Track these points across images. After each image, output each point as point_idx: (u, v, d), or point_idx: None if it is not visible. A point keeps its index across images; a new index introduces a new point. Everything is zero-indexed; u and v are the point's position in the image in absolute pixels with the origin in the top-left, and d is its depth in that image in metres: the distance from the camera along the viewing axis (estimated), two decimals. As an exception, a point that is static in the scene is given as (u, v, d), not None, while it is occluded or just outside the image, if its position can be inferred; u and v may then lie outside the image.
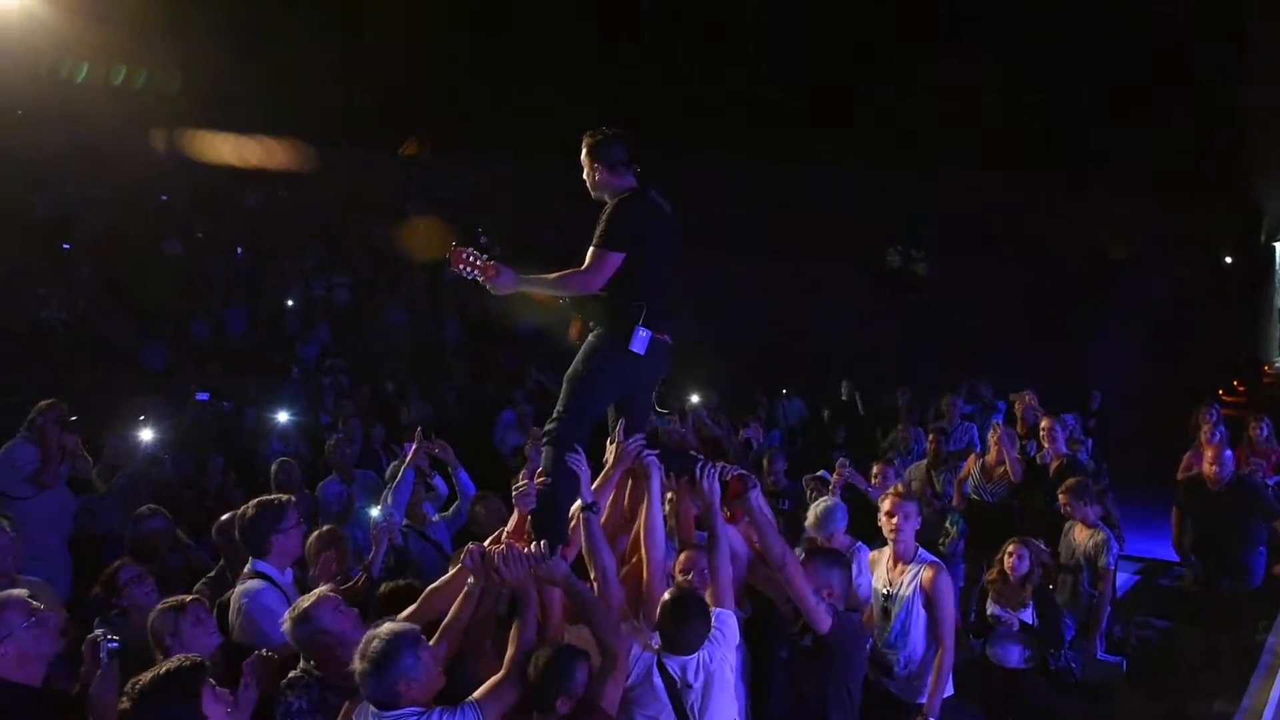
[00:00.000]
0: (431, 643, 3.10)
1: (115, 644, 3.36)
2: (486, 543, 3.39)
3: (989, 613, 4.89)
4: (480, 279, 3.47)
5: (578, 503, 3.41)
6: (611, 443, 3.68)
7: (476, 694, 2.98)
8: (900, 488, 4.83)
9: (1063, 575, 5.70)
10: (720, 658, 3.31)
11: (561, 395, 3.59)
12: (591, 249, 3.48)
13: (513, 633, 3.16)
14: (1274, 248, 28.52)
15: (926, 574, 4.33)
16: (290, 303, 13.95)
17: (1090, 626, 5.52)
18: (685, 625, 3.25)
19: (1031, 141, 19.22)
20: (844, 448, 8.32)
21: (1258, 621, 6.48)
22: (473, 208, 18.73)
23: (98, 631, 3.48)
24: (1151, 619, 6.82)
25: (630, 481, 3.74)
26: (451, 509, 6.04)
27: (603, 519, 3.51)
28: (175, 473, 7.32)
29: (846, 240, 19.06)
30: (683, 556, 3.81)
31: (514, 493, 3.57)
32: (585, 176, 3.65)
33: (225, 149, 17.41)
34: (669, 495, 3.88)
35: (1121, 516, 9.91)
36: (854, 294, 18.26)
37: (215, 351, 12.74)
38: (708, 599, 3.43)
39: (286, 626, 3.26)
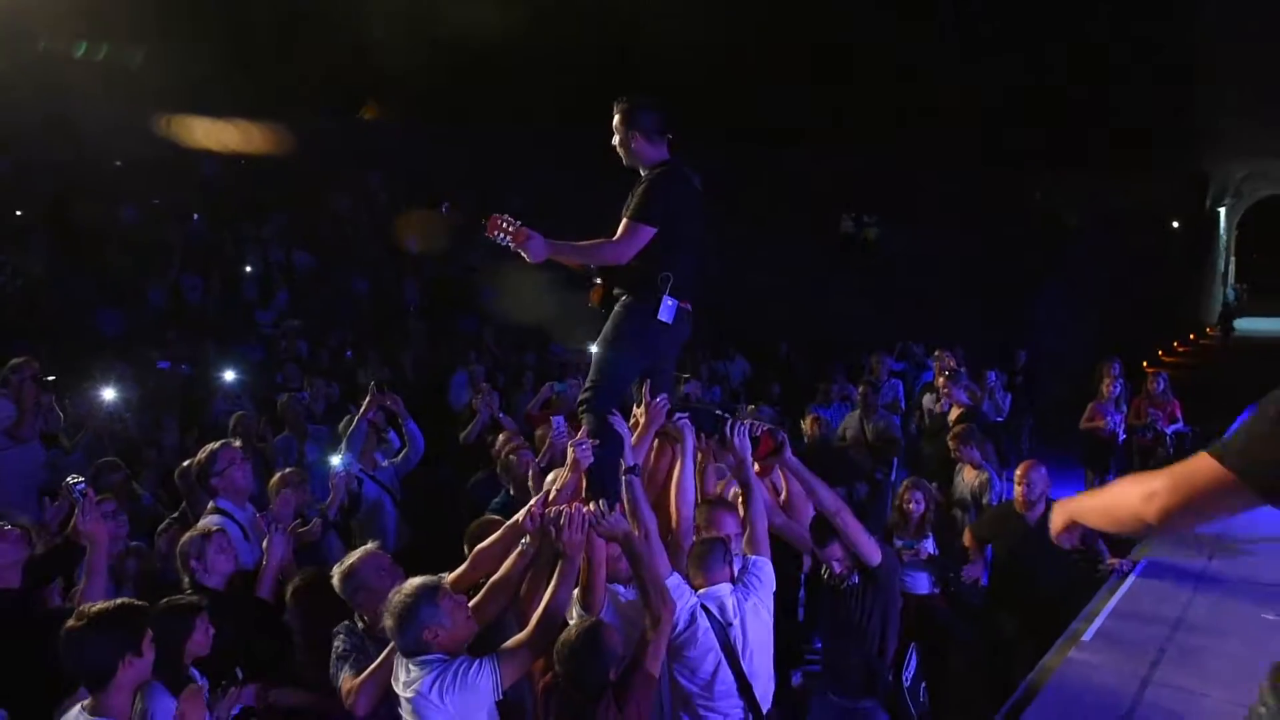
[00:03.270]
0: (478, 599, 3.24)
1: (82, 485, 3.81)
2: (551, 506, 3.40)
3: (896, 545, 5.32)
4: (512, 245, 3.47)
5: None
6: (638, 405, 3.77)
7: (500, 649, 3.03)
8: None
9: (954, 512, 6.16)
10: (755, 600, 3.51)
11: (594, 364, 3.66)
12: (626, 221, 3.51)
13: (549, 593, 3.16)
14: (1218, 214, 29.38)
15: None
16: (249, 269, 14.05)
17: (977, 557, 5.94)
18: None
19: (987, 113, 19.53)
20: (778, 403, 8.76)
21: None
22: (434, 174, 18.85)
23: (68, 480, 3.90)
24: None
25: (655, 444, 3.83)
26: (400, 455, 6.41)
27: None
28: (136, 431, 7.57)
29: (801, 207, 19.45)
30: (703, 511, 3.88)
31: (571, 453, 3.57)
32: (617, 143, 3.64)
33: (186, 121, 17.40)
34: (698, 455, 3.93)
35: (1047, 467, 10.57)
36: (808, 259, 18.65)
37: (173, 318, 12.86)
38: (744, 547, 3.66)
39: (336, 580, 3.40)
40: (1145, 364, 20.55)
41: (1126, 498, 1.94)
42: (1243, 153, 25.78)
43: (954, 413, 6.99)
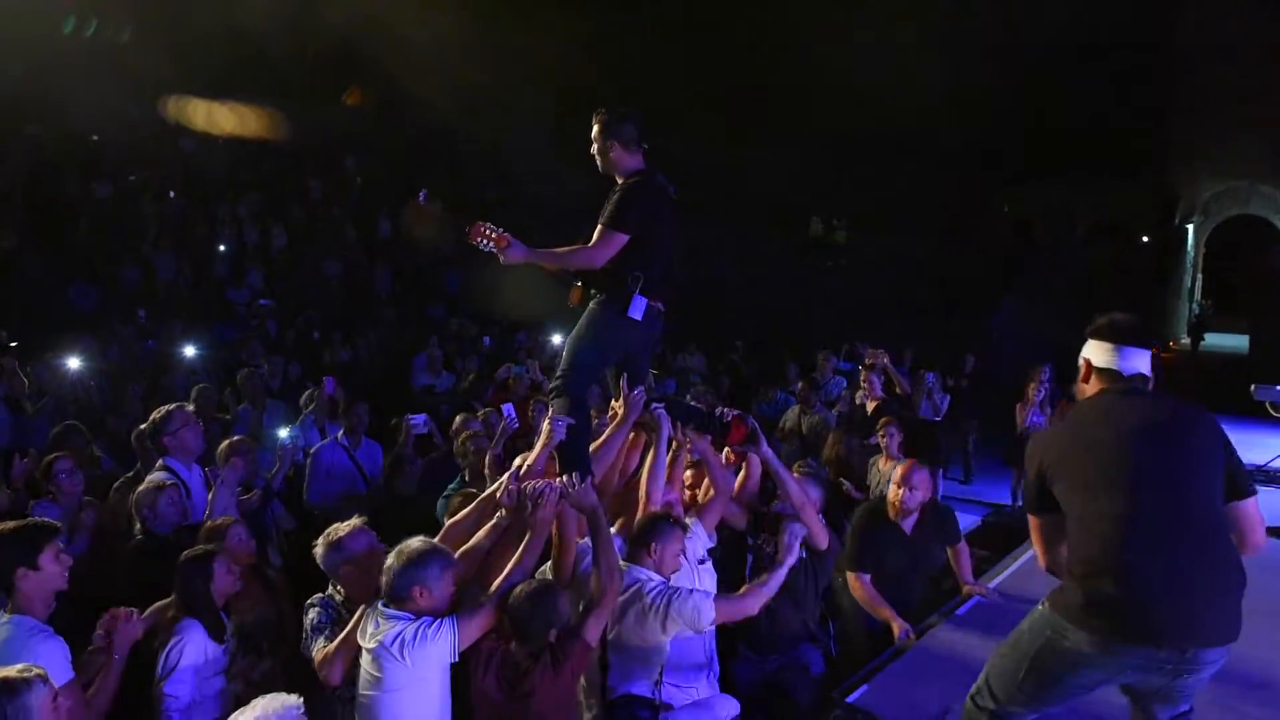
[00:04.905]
0: None
1: None
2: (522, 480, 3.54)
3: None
4: (494, 250, 3.60)
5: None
6: (616, 399, 3.95)
7: (459, 611, 3.16)
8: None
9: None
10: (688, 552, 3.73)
11: (564, 355, 3.83)
12: (600, 228, 3.68)
13: (512, 563, 3.29)
14: (1186, 230, 29.91)
15: None
16: (221, 248, 14.19)
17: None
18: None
19: (961, 125, 19.80)
20: (728, 398, 9.06)
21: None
22: (411, 160, 19.02)
23: None
24: (977, 549, 7.65)
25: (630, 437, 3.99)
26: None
27: (601, 474, 3.77)
28: (99, 400, 7.77)
29: (773, 210, 19.75)
30: (689, 473, 4.20)
31: (546, 428, 3.70)
32: (595, 151, 3.82)
33: (167, 99, 17.45)
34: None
35: (982, 468, 11.01)
36: (776, 260, 18.97)
37: (145, 295, 13.00)
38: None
39: (319, 550, 3.44)
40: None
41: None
42: (1212, 172, 26.28)
43: (870, 405, 7.31)
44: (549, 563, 3.64)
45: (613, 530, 3.68)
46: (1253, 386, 7.25)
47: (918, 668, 4.18)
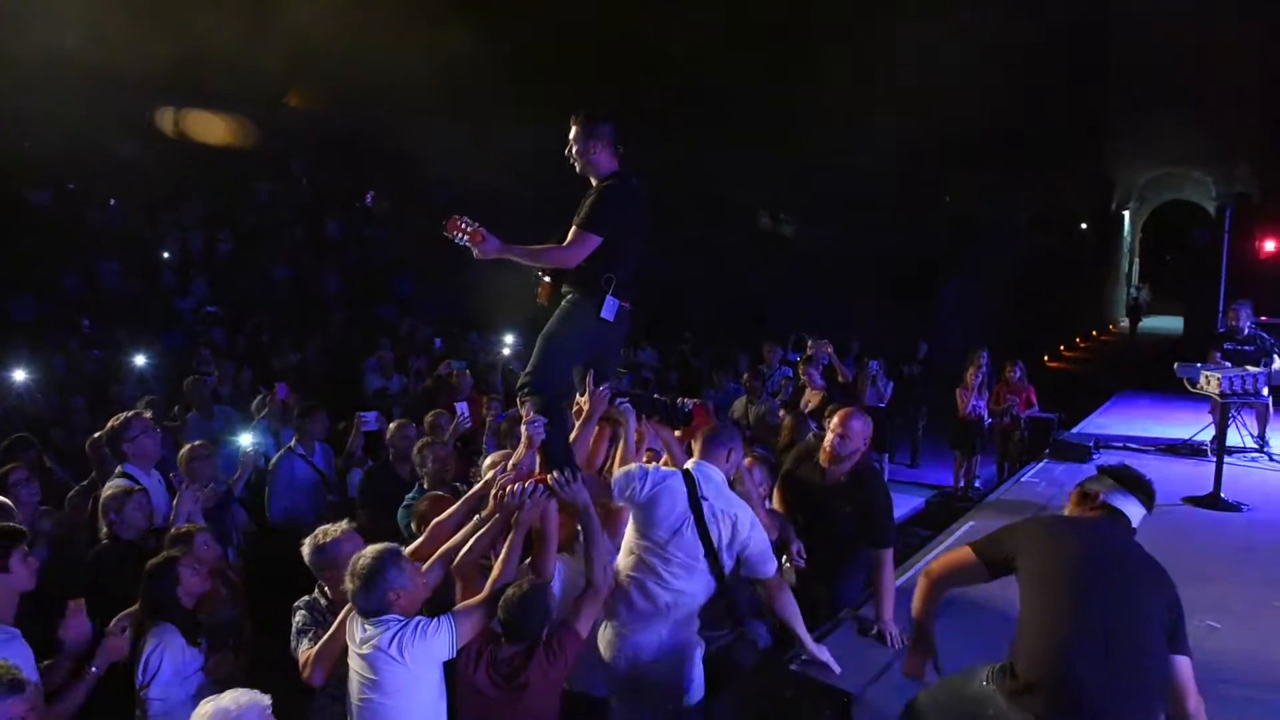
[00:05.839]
0: (429, 563, 3.43)
1: None
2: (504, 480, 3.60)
3: None
4: (468, 244, 3.62)
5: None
6: (582, 395, 4.00)
7: (455, 609, 3.22)
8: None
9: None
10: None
11: (535, 353, 3.83)
12: (575, 229, 3.71)
13: (500, 562, 3.37)
14: (1123, 216, 30.83)
15: None
16: (166, 255, 14.00)
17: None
18: None
19: (904, 118, 20.12)
20: (676, 390, 9.24)
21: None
22: (360, 162, 18.88)
23: None
24: (919, 529, 7.94)
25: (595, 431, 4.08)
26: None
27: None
28: (46, 410, 7.68)
29: (722, 205, 19.98)
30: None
31: (524, 430, 3.72)
32: (576, 153, 3.83)
33: (106, 103, 17.07)
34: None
35: (929, 451, 11.35)
36: (726, 255, 19.20)
37: (89, 304, 12.78)
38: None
39: (306, 551, 3.45)
40: (1046, 358, 21.69)
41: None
42: (1146, 159, 27.09)
43: (808, 395, 7.53)
44: (528, 560, 3.67)
45: None
46: (1175, 365, 7.61)
47: (858, 635, 4.41)
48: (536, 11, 19.72)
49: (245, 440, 5.99)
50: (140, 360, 9.11)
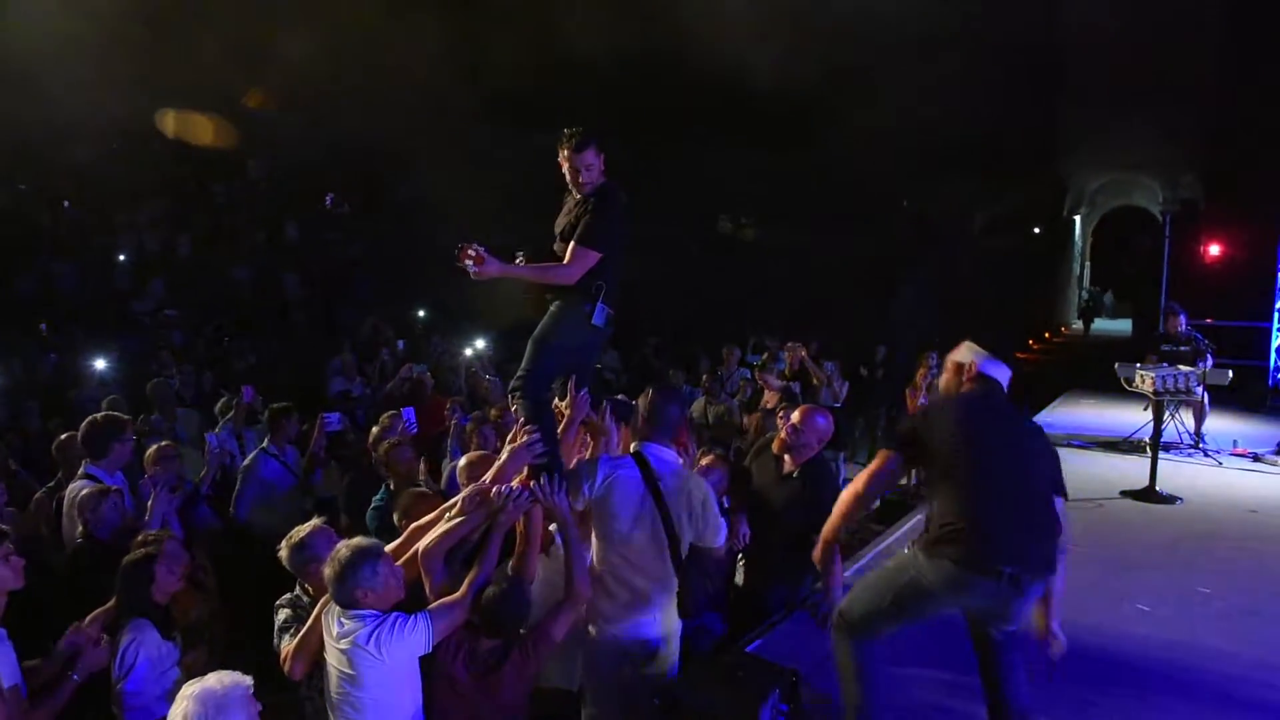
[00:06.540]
0: (405, 559, 3.48)
1: None
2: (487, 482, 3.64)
3: None
4: (472, 269, 3.64)
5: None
6: (561, 399, 4.05)
7: (430, 607, 3.27)
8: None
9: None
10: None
11: (527, 356, 3.86)
12: (575, 246, 3.76)
13: (478, 559, 3.44)
14: (1074, 221, 31.55)
15: None
16: (122, 257, 13.84)
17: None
18: None
19: (863, 124, 20.39)
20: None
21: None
22: (319, 164, 18.79)
23: None
24: (872, 524, 8.15)
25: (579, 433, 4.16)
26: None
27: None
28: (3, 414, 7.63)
29: (679, 207, 20.15)
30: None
31: (511, 445, 3.78)
32: (583, 167, 3.83)
33: (60, 104, 16.81)
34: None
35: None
36: (685, 257, 19.38)
37: (43, 306, 12.61)
38: None
39: (284, 554, 3.49)
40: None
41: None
42: (1096, 165, 27.72)
43: (768, 397, 7.71)
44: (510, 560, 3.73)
45: None
46: (1116, 365, 7.94)
47: (808, 621, 4.53)
48: (492, 10, 19.73)
49: (211, 440, 6.04)
50: (100, 364, 9.04)
